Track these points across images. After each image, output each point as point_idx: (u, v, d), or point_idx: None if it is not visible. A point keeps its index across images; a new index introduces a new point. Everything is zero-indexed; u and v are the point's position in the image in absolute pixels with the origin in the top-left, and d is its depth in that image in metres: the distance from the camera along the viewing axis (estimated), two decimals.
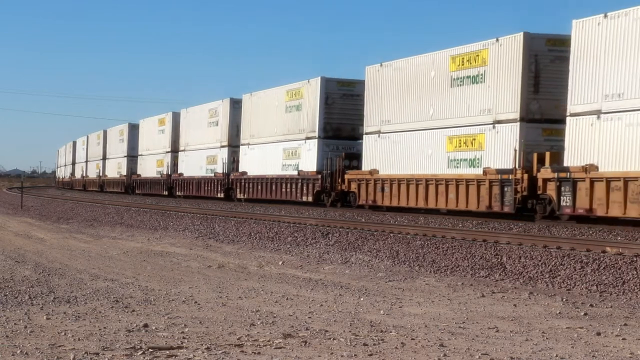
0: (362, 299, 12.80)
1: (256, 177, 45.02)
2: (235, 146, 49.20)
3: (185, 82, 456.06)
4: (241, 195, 46.78)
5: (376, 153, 34.56)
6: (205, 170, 52.82)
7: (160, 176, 61.76)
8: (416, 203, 31.60)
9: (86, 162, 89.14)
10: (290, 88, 42.19)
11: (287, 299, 12.72)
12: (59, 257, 19.50)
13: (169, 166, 60.09)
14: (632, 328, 10.48)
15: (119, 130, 75.96)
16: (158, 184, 62.06)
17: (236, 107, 49.21)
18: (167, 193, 59.50)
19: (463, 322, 10.76)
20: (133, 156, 69.93)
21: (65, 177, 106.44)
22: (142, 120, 68.87)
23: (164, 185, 60.46)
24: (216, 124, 51.87)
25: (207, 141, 52.97)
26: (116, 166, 75.32)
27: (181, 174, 57.38)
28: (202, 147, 53.72)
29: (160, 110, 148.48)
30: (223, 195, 49.37)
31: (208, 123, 53.10)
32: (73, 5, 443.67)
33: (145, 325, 10.11)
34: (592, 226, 23.36)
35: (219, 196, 49.81)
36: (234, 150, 49.24)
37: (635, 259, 15.50)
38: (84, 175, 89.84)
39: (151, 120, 66.21)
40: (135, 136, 69.67)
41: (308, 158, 39.81)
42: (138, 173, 67.92)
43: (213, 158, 51.82)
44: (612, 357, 8.73)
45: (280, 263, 18.45)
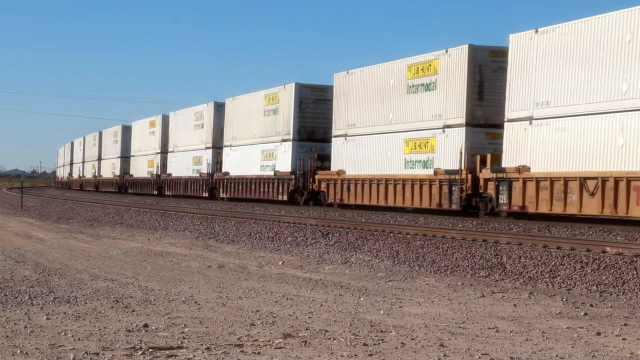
0: (362, 299, 12.80)
1: (237, 177, 47.54)
2: (219, 148, 51.56)
3: (185, 82, 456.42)
4: (224, 194, 49.12)
5: (343, 155, 37.02)
6: (191, 170, 55.30)
7: (150, 176, 64.13)
8: (377, 201, 33.90)
9: (83, 163, 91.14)
10: (268, 93, 44.64)
11: (287, 299, 12.72)
12: (59, 257, 19.50)
13: (159, 167, 62.55)
14: (632, 328, 10.48)
15: (113, 131, 78.05)
16: (149, 184, 64.34)
17: (220, 111, 51.63)
18: (157, 192, 61.72)
19: (463, 322, 10.76)
20: (126, 157, 72.32)
21: (63, 177, 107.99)
22: (135, 122, 71.12)
23: (154, 185, 62.80)
24: (202, 127, 54.38)
25: (194, 143, 55.49)
26: (110, 166, 77.47)
27: (170, 174, 59.92)
28: (189, 149, 56.28)
29: (160, 110, 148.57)
30: (207, 194, 51.55)
31: (194, 126, 55.67)
32: (73, 5, 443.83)
33: (145, 325, 10.11)
34: (592, 226, 23.37)
35: (204, 195, 52.05)
36: (218, 151, 51.56)
37: (635, 259, 15.50)
38: (81, 175, 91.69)
39: (142, 122, 68.48)
40: (128, 137, 72.09)
41: (284, 159, 42.16)
42: (130, 173, 70.19)
43: (199, 159, 54.28)
44: (612, 357, 8.73)
45: (280, 263, 18.44)
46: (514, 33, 27.39)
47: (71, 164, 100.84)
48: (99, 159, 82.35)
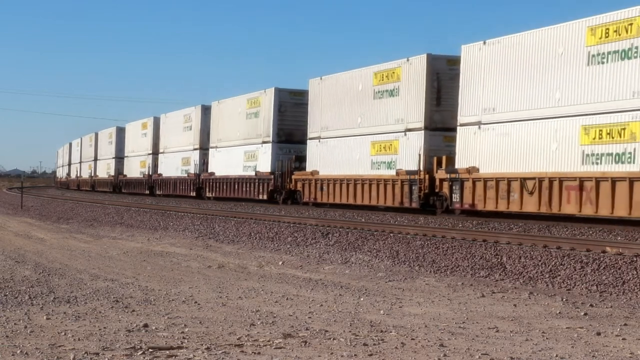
0: (362, 299, 12.80)
1: (222, 177, 49.84)
2: (205, 149, 53.78)
3: (185, 82, 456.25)
4: (210, 194, 51.46)
5: (317, 156, 39.22)
6: (180, 171, 57.85)
7: (142, 176, 66.47)
8: (347, 200, 36.08)
9: (80, 163, 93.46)
10: (250, 97, 47.10)
11: (287, 299, 12.72)
12: (59, 257, 19.50)
13: (150, 167, 64.90)
14: (632, 328, 10.48)
15: (108, 133, 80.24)
16: (141, 184, 66.62)
17: (207, 113, 54.01)
18: (149, 192, 63.82)
19: (463, 322, 10.76)
20: (120, 157, 74.64)
21: (62, 177, 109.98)
22: (128, 124, 73.85)
23: (146, 184, 65.11)
24: (190, 129, 56.81)
25: (182, 144, 58.00)
26: (106, 167, 79.86)
27: (160, 175, 62.44)
28: (178, 150, 58.77)
29: (160, 110, 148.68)
30: (195, 194, 54.05)
31: (183, 128, 58.16)
32: (73, 5, 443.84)
33: (145, 325, 10.11)
34: (592, 226, 23.38)
35: (192, 195, 54.53)
36: (205, 152, 53.79)
37: (635, 259, 15.50)
38: (78, 175, 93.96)
39: (135, 124, 71.04)
40: (122, 139, 74.42)
41: (264, 160, 44.48)
42: (124, 173, 72.53)
43: (187, 160, 56.78)
44: (612, 357, 8.73)
45: (280, 263, 18.44)
46: (465, 44, 29.72)
47: (69, 165, 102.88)
48: (95, 160, 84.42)
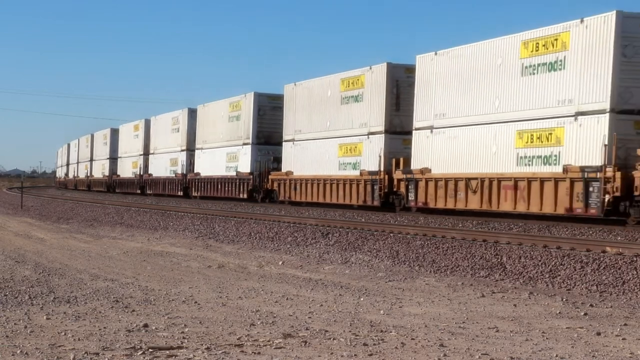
0: (362, 299, 12.80)
1: (206, 177, 52.62)
2: (192, 150, 56.54)
3: (185, 82, 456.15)
4: (195, 193, 54.15)
5: (291, 157, 41.75)
6: (169, 171, 60.74)
7: (134, 176, 69.39)
8: (318, 198, 38.46)
9: (77, 164, 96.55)
10: (232, 101, 49.87)
11: (287, 299, 12.72)
12: (59, 257, 19.50)
13: (141, 167, 67.69)
14: (632, 328, 10.48)
15: (103, 134, 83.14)
16: (133, 184, 69.43)
17: (193, 116, 56.73)
18: (140, 192, 66.43)
19: (463, 322, 10.76)
20: (114, 158, 77.52)
21: (61, 177, 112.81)
22: (121, 125, 77.06)
23: (137, 184, 67.88)
24: (177, 131, 59.80)
25: (171, 145, 60.94)
26: (101, 167, 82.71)
27: (151, 175, 65.24)
28: (167, 151, 61.66)
29: (160, 110, 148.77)
30: (182, 193, 56.89)
31: (171, 130, 61.16)
32: (73, 5, 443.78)
33: (145, 325, 10.11)
34: (592, 226, 23.39)
35: (179, 194, 57.32)
36: (191, 153, 56.58)
37: (635, 259, 15.49)
38: (75, 175, 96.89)
39: (128, 125, 74.19)
40: (116, 140, 77.20)
41: (244, 161, 47.14)
42: (118, 174, 75.51)
43: (175, 160, 59.75)
44: (612, 357, 8.73)
45: (280, 263, 18.44)
46: (420, 54, 32.49)
47: (67, 165, 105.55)
48: (91, 160, 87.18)
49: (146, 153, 66.89)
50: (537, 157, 26.41)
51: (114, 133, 78.21)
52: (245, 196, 46.27)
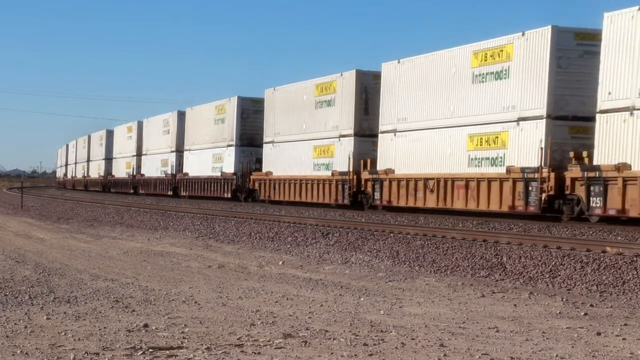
0: (362, 299, 12.80)
1: (194, 178, 54.95)
2: (181, 151, 58.72)
3: (185, 82, 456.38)
4: (184, 192, 56.37)
5: (271, 158, 43.87)
6: (160, 171, 62.82)
7: (128, 176, 71.49)
8: (294, 198, 40.45)
9: (75, 164, 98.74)
10: (217, 104, 52.06)
11: (287, 299, 12.72)
12: (59, 257, 19.50)
13: (134, 168, 69.67)
14: (632, 328, 10.48)
15: (99, 135, 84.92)
16: (126, 184, 71.58)
17: (182, 119, 58.89)
18: (133, 191, 68.28)
19: (463, 322, 10.76)
20: (109, 159, 79.56)
21: (60, 178, 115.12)
22: (116, 127, 79.42)
23: (130, 184, 69.96)
24: (168, 132, 61.81)
25: (162, 147, 63.07)
26: (97, 167, 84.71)
27: (143, 175, 67.45)
28: (158, 152, 63.72)
29: (159, 110, 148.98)
30: (171, 192, 58.90)
31: (162, 131, 63.18)
32: (73, 5, 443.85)
33: (145, 325, 10.11)
34: (592, 226, 23.43)
35: (169, 194, 59.36)
36: (180, 154, 58.77)
37: (635, 259, 15.50)
38: (73, 176, 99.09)
39: (122, 127, 76.73)
40: (111, 141, 79.32)
41: (228, 162, 49.23)
42: (113, 174, 77.66)
43: (165, 161, 61.77)
44: (612, 357, 8.73)
45: (280, 263, 18.44)
46: (386, 62, 34.61)
47: (66, 165, 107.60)
48: (88, 161, 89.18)
49: (139, 154, 69.11)
50: (486, 159, 28.71)
51: (109, 134, 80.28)
52: (229, 195, 48.33)
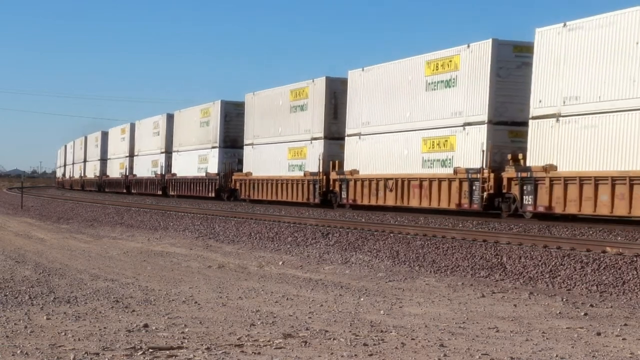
0: (362, 299, 12.80)
1: (181, 178, 57.47)
2: (170, 152, 61.09)
3: (185, 82, 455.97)
4: (172, 192, 58.64)
5: (251, 159, 46.43)
6: (150, 172, 65.21)
7: (121, 176, 74.06)
8: (271, 197, 43.13)
9: (72, 164, 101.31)
10: (203, 107, 54.68)
11: (287, 299, 12.72)
12: (59, 257, 19.50)
13: (127, 168, 72.24)
14: (632, 328, 10.48)
15: (95, 137, 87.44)
16: (119, 184, 74.23)
17: (171, 121, 61.32)
18: (126, 191, 70.59)
19: (463, 322, 10.76)
20: (104, 159, 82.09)
21: (60, 178, 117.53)
22: (111, 129, 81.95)
23: (124, 184, 72.44)
24: (158, 134, 64.22)
25: (152, 148, 65.40)
26: (93, 168, 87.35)
27: (135, 175, 69.88)
28: (149, 153, 66.15)
29: (159, 110, 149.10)
30: (161, 192, 61.14)
31: (152, 133, 65.70)
32: (73, 5, 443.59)
33: (145, 325, 10.11)
34: (593, 226, 23.42)
35: (159, 193, 61.49)
36: (169, 155, 61.12)
37: (635, 259, 15.50)
38: (71, 176, 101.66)
39: (116, 129, 79.43)
40: (106, 142, 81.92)
41: (213, 163, 51.82)
42: (107, 174, 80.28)
43: (155, 162, 64.05)
44: (612, 357, 8.73)
45: (280, 263, 18.44)
46: (352, 69, 37.23)
47: (64, 165, 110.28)
48: (84, 161, 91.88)
49: (131, 155, 71.48)
50: (437, 161, 31.28)
51: (104, 136, 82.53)
52: (213, 195, 50.76)
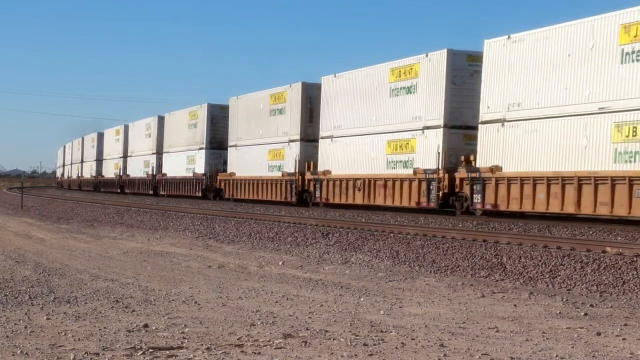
0: (362, 299, 12.80)
1: (171, 178, 59.31)
2: (160, 153, 62.93)
3: (185, 82, 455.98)
4: (162, 192, 60.56)
5: (234, 160, 48.48)
6: (143, 172, 67.12)
7: (115, 177, 76.14)
8: (253, 196, 45.14)
9: (71, 165, 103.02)
10: (190, 110, 56.94)
11: (287, 299, 12.72)
12: (59, 257, 19.50)
13: (121, 169, 74.23)
14: (632, 328, 10.48)
15: (91, 138, 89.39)
16: (114, 184, 76.24)
17: (161, 123, 63.27)
18: (120, 191, 72.49)
19: (463, 322, 10.76)
20: (100, 160, 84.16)
21: (59, 178, 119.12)
22: (106, 130, 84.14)
23: (118, 184, 74.41)
24: (149, 136, 66.14)
25: (144, 149, 67.31)
26: (89, 168, 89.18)
27: (128, 175, 71.76)
28: (141, 154, 68.10)
29: (159, 110, 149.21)
30: (152, 192, 63.02)
31: (145, 135, 67.69)
32: (73, 5, 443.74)
33: (145, 325, 10.11)
34: (592, 226, 23.43)
35: (150, 193, 63.33)
36: (160, 156, 63.02)
37: (635, 259, 15.50)
38: (69, 176, 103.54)
39: (111, 130, 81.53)
40: (101, 143, 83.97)
41: (200, 164, 53.84)
42: (103, 174, 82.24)
43: (147, 162, 66.02)
44: (612, 357, 8.73)
45: (280, 263, 18.44)
46: (325, 75, 39.35)
47: (63, 166, 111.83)
48: (81, 162, 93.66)
49: (125, 155, 73.35)
50: (400, 162, 33.26)
51: (100, 137, 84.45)
52: (199, 194, 52.70)
